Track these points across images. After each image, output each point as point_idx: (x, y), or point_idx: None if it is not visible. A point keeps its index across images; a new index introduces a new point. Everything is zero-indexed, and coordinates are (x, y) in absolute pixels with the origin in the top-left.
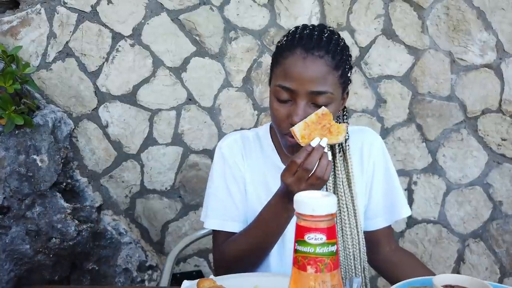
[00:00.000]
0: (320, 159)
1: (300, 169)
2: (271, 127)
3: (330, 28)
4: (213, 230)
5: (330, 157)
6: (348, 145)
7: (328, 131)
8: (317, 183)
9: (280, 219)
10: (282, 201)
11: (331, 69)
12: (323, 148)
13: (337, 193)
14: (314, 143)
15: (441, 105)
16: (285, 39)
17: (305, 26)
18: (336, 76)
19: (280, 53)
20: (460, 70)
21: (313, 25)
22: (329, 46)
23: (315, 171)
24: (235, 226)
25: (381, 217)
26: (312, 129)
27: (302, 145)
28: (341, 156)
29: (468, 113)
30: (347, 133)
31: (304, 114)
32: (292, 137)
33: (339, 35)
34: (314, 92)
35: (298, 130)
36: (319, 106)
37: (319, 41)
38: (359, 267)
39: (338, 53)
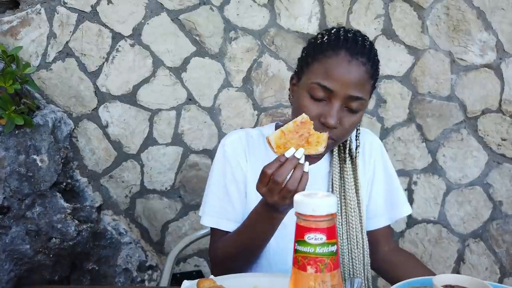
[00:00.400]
0: (294, 170)
1: (271, 181)
2: (276, 127)
3: (368, 37)
4: (211, 227)
5: (306, 169)
6: (358, 152)
7: (306, 141)
8: (289, 196)
9: (263, 226)
10: (264, 209)
11: (369, 77)
12: (297, 159)
13: (346, 198)
14: (288, 154)
15: (441, 105)
16: (326, 37)
17: (347, 30)
18: (371, 84)
19: (321, 51)
20: (460, 70)
21: (353, 30)
22: (370, 55)
23: (286, 183)
24: (230, 225)
25: (381, 217)
26: (289, 138)
27: (276, 155)
28: (349, 160)
29: (468, 113)
30: (358, 140)
31: (338, 116)
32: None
33: (375, 46)
34: (352, 97)
35: (273, 139)
36: (352, 111)
37: (363, 48)
38: (363, 270)
39: (376, 63)
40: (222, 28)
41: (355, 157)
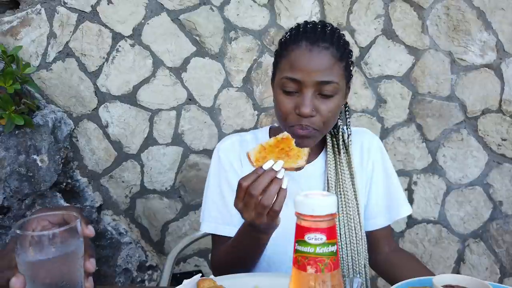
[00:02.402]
0: (270, 185)
1: (247, 195)
2: (270, 129)
3: (331, 24)
4: (211, 233)
5: (285, 185)
6: (351, 141)
7: (286, 154)
8: (265, 212)
9: (249, 244)
10: (247, 228)
11: (336, 60)
12: (275, 172)
13: (343, 190)
14: (266, 166)
15: (441, 105)
16: (288, 34)
17: (307, 22)
18: (341, 67)
19: (285, 47)
20: (460, 70)
21: (314, 21)
22: (333, 39)
23: (261, 199)
24: (228, 230)
25: (381, 217)
26: (268, 152)
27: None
28: (344, 152)
29: (468, 113)
30: (349, 128)
31: (312, 104)
32: (302, 128)
33: (340, 30)
34: (321, 82)
35: (253, 153)
36: (326, 97)
37: (323, 34)
38: (362, 263)
39: (342, 46)
40: (222, 28)
41: (348, 146)
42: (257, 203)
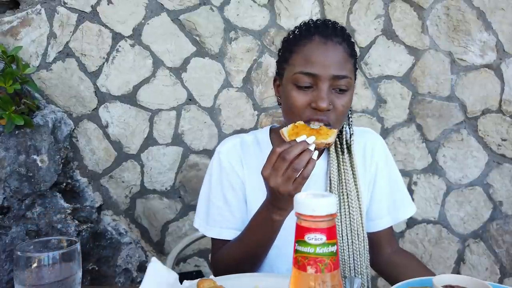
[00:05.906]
0: (302, 153)
1: (279, 159)
2: (271, 130)
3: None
4: (212, 237)
5: (315, 157)
6: (353, 140)
7: (317, 132)
8: (294, 177)
9: (266, 229)
10: (267, 210)
11: (348, 56)
12: (308, 144)
13: (345, 191)
14: (299, 139)
15: (441, 105)
16: (298, 30)
17: (316, 19)
18: (352, 63)
19: (296, 43)
20: (460, 70)
21: (323, 19)
22: (344, 35)
23: (293, 162)
24: (232, 233)
25: (384, 218)
26: (300, 129)
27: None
28: (347, 152)
29: (468, 113)
30: (351, 128)
31: (328, 98)
32: (318, 121)
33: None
34: (337, 76)
35: (286, 131)
36: (340, 91)
37: (335, 29)
38: (364, 264)
39: (351, 43)
40: (222, 28)
41: (350, 145)
42: (288, 167)
